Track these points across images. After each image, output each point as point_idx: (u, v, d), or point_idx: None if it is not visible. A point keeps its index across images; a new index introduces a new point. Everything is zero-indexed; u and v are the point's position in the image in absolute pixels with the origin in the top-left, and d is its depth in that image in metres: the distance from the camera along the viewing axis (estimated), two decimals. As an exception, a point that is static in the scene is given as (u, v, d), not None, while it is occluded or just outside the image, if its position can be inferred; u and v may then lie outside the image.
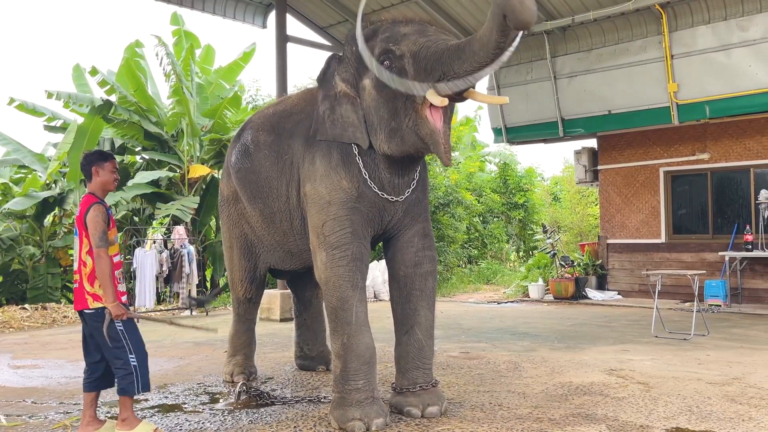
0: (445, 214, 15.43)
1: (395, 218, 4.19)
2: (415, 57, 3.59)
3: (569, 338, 7.21)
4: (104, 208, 3.80)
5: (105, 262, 3.69)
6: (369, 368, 3.89)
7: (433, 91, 3.50)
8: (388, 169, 4.03)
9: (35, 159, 13.11)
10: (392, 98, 3.76)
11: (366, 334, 3.93)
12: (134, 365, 3.73)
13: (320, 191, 4.07)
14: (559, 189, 20.42)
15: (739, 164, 10.39)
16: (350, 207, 4.01)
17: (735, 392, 4.60)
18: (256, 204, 4.78)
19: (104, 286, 3.69)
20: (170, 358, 6.43)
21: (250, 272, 5.22)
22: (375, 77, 3.80)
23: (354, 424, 3.72)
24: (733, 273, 10.01)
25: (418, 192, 4.25)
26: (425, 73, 3.54)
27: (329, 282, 3.95)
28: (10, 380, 5.54)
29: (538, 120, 11.45)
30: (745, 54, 9.20)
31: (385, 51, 3.72)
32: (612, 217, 11.79)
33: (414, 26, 3.77)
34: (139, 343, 3.80)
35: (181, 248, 10.55)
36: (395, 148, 3.86)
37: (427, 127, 3.64)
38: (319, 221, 4.05)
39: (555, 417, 4.01)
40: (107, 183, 3.93)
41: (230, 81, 14.67)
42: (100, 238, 3.71)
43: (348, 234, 3.97)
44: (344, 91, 4.03)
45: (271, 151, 4.62)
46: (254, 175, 4.73)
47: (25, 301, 11.44)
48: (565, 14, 10.29)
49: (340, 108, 4.01)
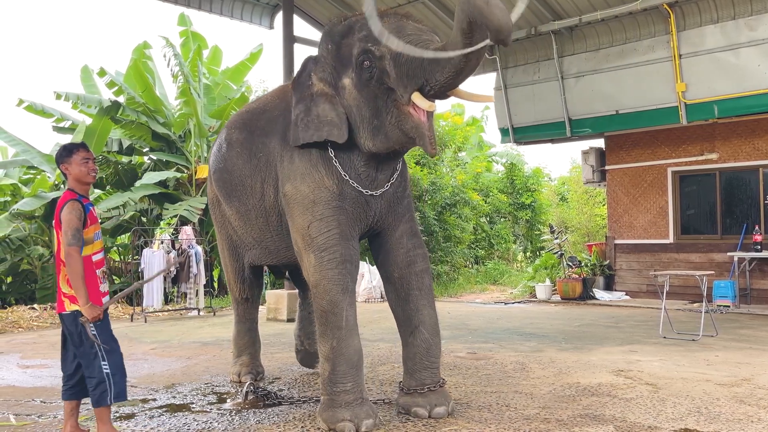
0: (452, 214, 15.42)
1: (378, 215, 4.15)
2: (396, 59, 3.56)
3: (577, 339, 7.19)
4: (80, 205, 3.57)
5: (76, 261, 3.47)
6: (357, 371, 3.87)
7: (419, 94, 3.50)
8: (366, 165, 3.99)
9: (44, 160, 13.16)
10: (373, 97, 3.74)
11: (355, 337, 3.90)
12: (106, 372, 3.51)
13: (303, 190, 4.01)
14: (566, 189, 20.35)
15: (747, 164, 10.33)
16: (335, 206, 3.96)
17: (744, 393, 4.58)
18: (232, 203, 4.75)
19: (76, 287, 3.48)
20: (178, 357, 6.45)
21: (240, 272, 5.23)
22: (355, 77, 3.78)
23: (344, 425, 3.70)
24: (742, 273, 9.96)
25: (399, 189, 4.22)
26: (407, 78, 3.53)
27: (319, 285, 3.90)
28: (19, 380, 5.57)
29: (545, 120, 11.44)
30: (753, 53, 9.16)
31: (365, 51, 3.68)
32: (620, 218, 11.75)
33: (391, 23, 3.67)
34: (112, 350, 3.57)
35: (189, 248, 10.58)
36: (380, 145, 3.83)
37: (411, 121, 3.61)
38: (304, 222, 3.99)
39: (563, 418, 4.00)
40: (81, 176, 3.66)
41: (237, 82, 14.71)
42: (73, 236, 3.48)
43: (336, 235, 3.93)
44: (321, 90, 3.98)
45: (244, 149, 4.57)
46: (228, 174, 4.70)
47: (34, 301, 11.50)
48: (573, 14, 10.28)
49: (316, 108, 3.95)
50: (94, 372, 3.52)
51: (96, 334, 3.51)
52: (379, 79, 3.67)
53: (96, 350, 3.52)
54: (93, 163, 3.73)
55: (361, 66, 3.72)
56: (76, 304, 3.53)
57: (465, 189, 16.03)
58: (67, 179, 3.70)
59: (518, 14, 3.31)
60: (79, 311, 3.51)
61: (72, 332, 3.58)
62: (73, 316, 3.55)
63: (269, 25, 11.47)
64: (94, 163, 3.75)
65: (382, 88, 3.68)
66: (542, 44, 11.16)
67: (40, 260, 12.66)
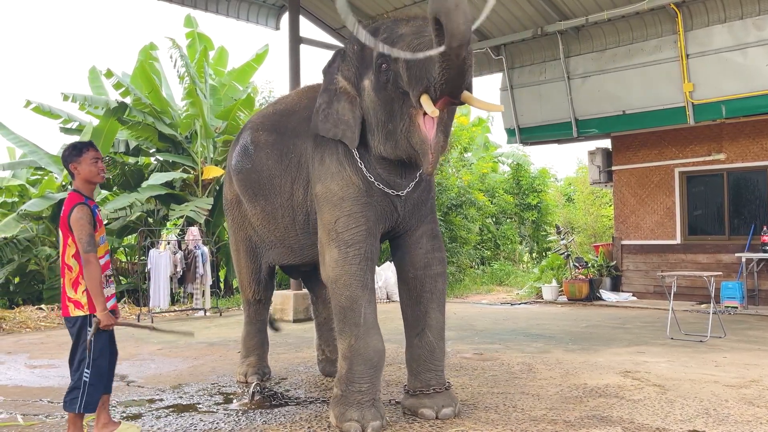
0: (458, 215, 15.40)
1: (402, 217, 4.15)
2: (408, 62, 3.52)
3: (583, 340, 7.16)
4: (89, 208, 3.54)
5: (95, 268, 3.47)
6: (375, 372, 3.84)
7: (428, 98, 3.44)
8: (385, 168, 4.00)
9: (51, 161, 13.22)
10: (389, 101, 3.72)
11: (375, 336, 3.86)
12: (85, 381, 3.49)
13: (332, 188, 4.03)
14: (572, 190, 20.32)
15: (755, 164, 10.27)
16: (364, 202, 3.97)
17: (752, 395, 4.55)
18: (257, 202, 4.77)
19: (94, 294, 3.47)
20: (185, 358, 6.46)
21: (256, 273, 5.24)
22: (374, 79, 3.78)
23: (351, 425, 3.71)
24: (750, 274, 9.91)
25: (422, 192, 4.22)
26: (416, 80, 3.48)
27: (339, 280, 3.89)
28: (26, 380, 5.59)
29: (551, 120, 11.40)
30: (761, 53, 9.11)
31: (382, 54, 3.68)
32: (626, 218, 11.71)
33: (412, 26, 3.68)
34: (101, 359, 3.55)
35: (195, 249, 10.60)
36: (390, 152, 3.83)
37: (419, 135, 3.58)
38: (332, 218, 4.00)
39: (570, 419, 3.98)
40: (91, 176, 3.63)
41: (243, 82, 14.74)
42: (88, 242, 3.45)
43: (363, 231, 3.94)
44: (344, 89, 4.02)
45: (274, 150, 4.59)
46: (256, 174, 4.72)
47: (42, 302, 11.55)
48: (579, 14, 10.24)
49: (338, 104, 4.00)
50: (74, 376, 3.54)
51: (92, 341, 3.50)
52: (395, 83, 3.65)
53: (86, 357, 3.51)
54: (102, 163, 3.71)
55: (379, 68, 3.72)
56: (81, 310, 3.54)
57: (471, 190, 16.01)
58: (74, 179, 3.66)
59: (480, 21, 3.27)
60: (85, 317, 3.53)
61: (73, 334, 3.59)
62: (75, 321, 3.55)
63: (275, 26, 11.48)
64: (102, 163, 3.72)
65: (398, 93, 3.66)
66: (548, 44, 11.13)
67: (48, 261, 12.71)
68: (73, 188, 3.65)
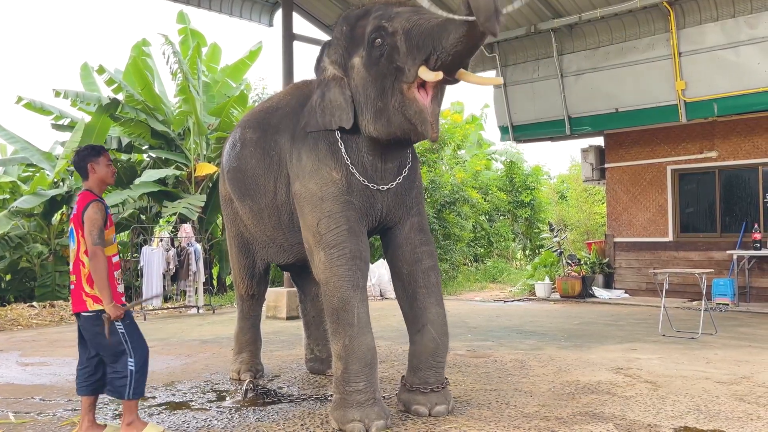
0: (451, 212, 15.41)
1: (386, 210, 4.14)
2: (407, 34, 3.55)
3: (576, 337, 7.19)
4: (103, 206, 3.65)
5: (101, 261, 3.54)
6: (370, 370, 3.83)
7: (425, 67, 3.48)
8: (372, 153, 3.98)
9: (43, 157, 13.17)
10: (381, 77, 3.72)
11: (368, 335, 3.86)
12: (131, 369, 3.58)
13: (311, 188, 4.02)
14: (565, 187, 20.36)
15: (747, 162, 10.33)
16: (343, 201, 3.96)
17: (743, 391, 4.58)
18: (245, 202, 4.77)
19: (101, 287, 3.54)
20: (177, 355, 6.45)
21: (249, 269, 5.24)
22: (365, 55, 3.78)
23: (354, 425, 3.68)
24: (741, 272, 9.96)
25: (407, 182, 4.20)
26: (416, 50, 3.50)
27: (329, 282, 3.89)
28: (18, 378, 5.56)
29: (544, 118, 11.43)
30: (753, 51, 9.15)
31: (378, 28, 3.68)
32: (619, 216, 11.75)
33: (407, 6, 3.74)
34: (140, 347, 3.65)
35: (188, 246, 10.57)
36: (381, 130, 3.80)
37: (416, 106, 3.59)
38: (313, 219, 3.99)
39: (562, 416, 4.00)
40: (105, 177, 3.77)
41: (237, 79, 14.71)
42: (97, 236, 3.54)
43: (344, 231, 3.92)
44: (333, 74, 4.00)
45: (257, 148, 4.59)
46: (241, 173, 4.71)
47: (33, 299, 11.50)
48: (573, 12, 10.26)
49: (329, 93, 3.99)
50: (119, 367, 3.60)
51: (115, 332, 3.56)
52: (389, 57, 3.64)
53: (124, 347, 3.58)
54: (113, 166, 3.87)
55: (372, 44, 3.72)
56: (100, 304, 3.58)
57: (464, 187, 16.02)
58: (87, 179, 3.74)
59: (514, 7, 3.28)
60: (103, 310, 3.56)
61: (95, 332, 3.60)
62: (96, 316, 3.59)
63: (269, 22, 11.45)
64: (113, 166, 3.88)
65: (390, 68, 3.65)
66: (542, 42, 11.14)
67: (39, 258, 12.66)
68: (86, 188, 3.74)
